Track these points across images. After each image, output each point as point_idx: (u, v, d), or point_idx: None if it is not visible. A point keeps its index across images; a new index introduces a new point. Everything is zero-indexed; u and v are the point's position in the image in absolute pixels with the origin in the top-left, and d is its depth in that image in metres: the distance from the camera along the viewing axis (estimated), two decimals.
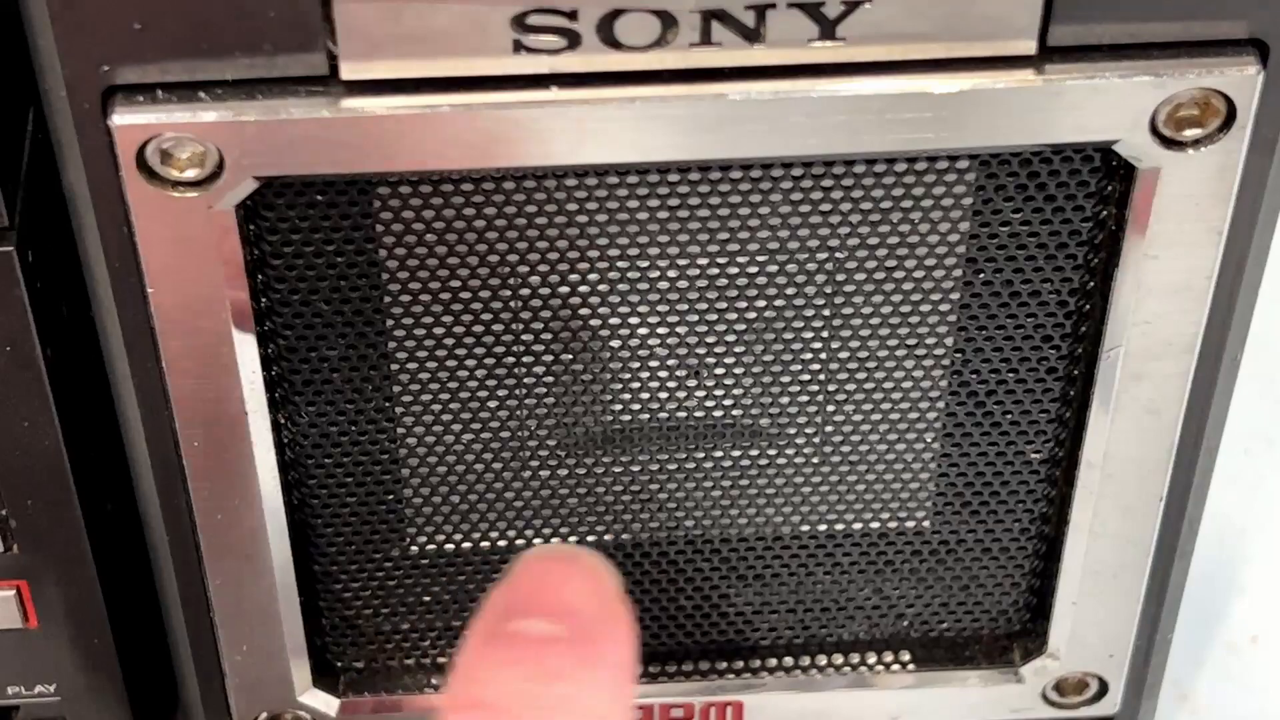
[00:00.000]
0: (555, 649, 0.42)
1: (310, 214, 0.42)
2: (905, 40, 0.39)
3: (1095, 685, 0.52)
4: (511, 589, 0.44)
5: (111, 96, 0.39)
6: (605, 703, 0.42)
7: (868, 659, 0.51)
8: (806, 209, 0.43)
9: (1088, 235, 0.43)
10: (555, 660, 0.42)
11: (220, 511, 0.46)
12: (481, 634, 0.43)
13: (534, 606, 0.43)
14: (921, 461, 0.48)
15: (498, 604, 0.43)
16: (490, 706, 0.42)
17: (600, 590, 0.44)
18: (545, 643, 0.42)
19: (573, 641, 0.42)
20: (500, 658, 0.42)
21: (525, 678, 0.42)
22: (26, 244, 0.41)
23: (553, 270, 0.43)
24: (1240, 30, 0.39)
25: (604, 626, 0.43)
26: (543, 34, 0.38)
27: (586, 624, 0.43)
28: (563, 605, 0.43)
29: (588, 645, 0.43)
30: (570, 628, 0.43)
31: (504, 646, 0.42)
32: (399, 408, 0.46)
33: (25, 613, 0.47)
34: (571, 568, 0.44)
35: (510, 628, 0.43)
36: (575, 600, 0.43)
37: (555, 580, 0.44)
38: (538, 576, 0.44)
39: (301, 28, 0.38)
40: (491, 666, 0.42)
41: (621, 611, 0.44)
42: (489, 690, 0.42)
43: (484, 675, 0.42)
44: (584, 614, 0.43)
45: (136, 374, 0.44)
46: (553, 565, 0.44)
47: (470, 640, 0.43)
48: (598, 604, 0.43)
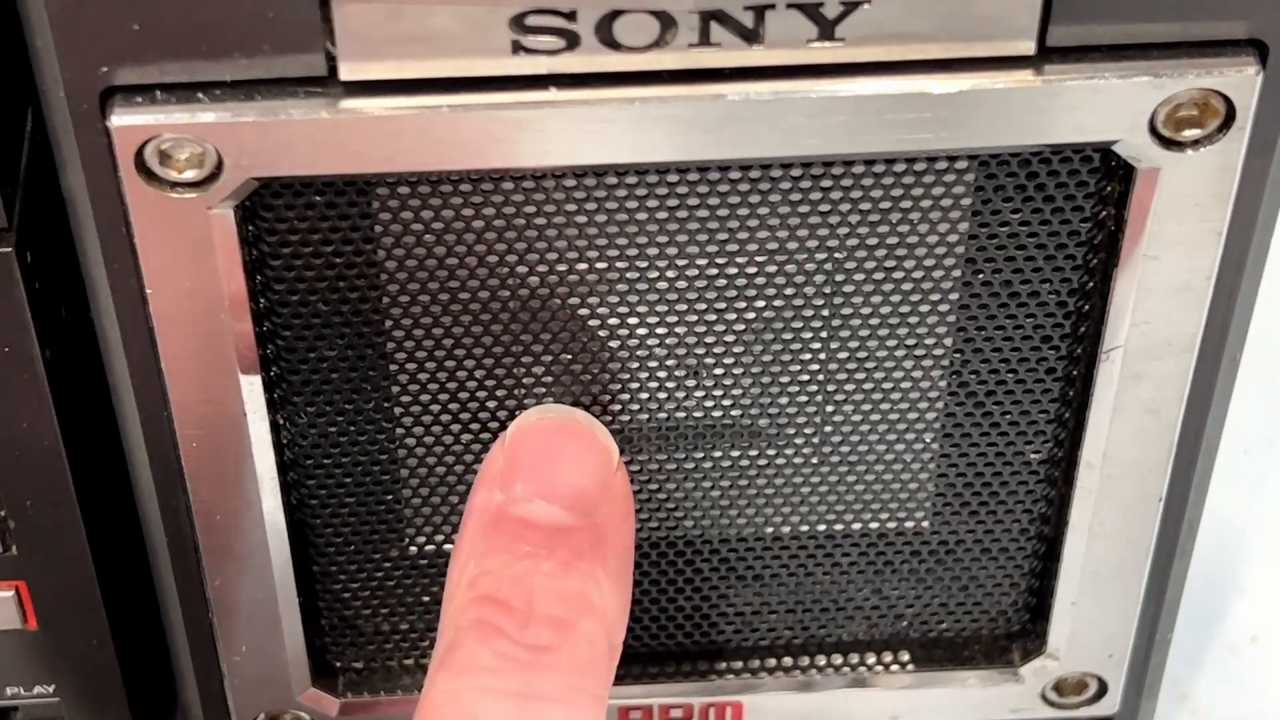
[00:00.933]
0: (565, 540, 0.42)
1: (309, 214, 0.42)
2: (904, 41, 0.39)
3: (1095, 685, 0.52)
4: (512, 462, 0.43)
5: (110, 97, 0.39)
6: (612, 596, 0.43)
7: (867, 659, 0.51)
8: (806, 209, 0.43)
9: (1087, 236, 0.43)
10: (565, 552, 0.42)
11: (219, 512, 0.46)
12: (485, 512, 0.43)
13: (537, 487, 0.43)
14: (921, 462, 0.48)
15: (496, 477, 0.43)
16: (504, 603, 0.41)
17: (603, 467, 0.43)
18: (555, 531, 0.42)
19: (582, 531, 0.42)
20: (509, 545, 0.42)
21: (536, 570, 0.42)
22: (25, 245, 0.41)
23: (552, 270, 0.43)
24: (1239, 31, 0.39)
25: (610, 511, 0.43)
26: (542, 35, 0.38)
27: (592, 508, 0.43)
28: (567, 486, 0.43)
29: (596, 534, 0.42)
30: (576, 513, 0.42)
31: (511, 533, 0.42)
32: (398, 408, 0.46)
33: (24, 613, 0.47)
34: (573, 439, 0.43)
35: (514, 511, 0.42)
36: (579, 480, 0.43)
37: (556, 455, 0.43)
38: (537, 450, 0.43)
39: (300, 29, 0.38)
40: (500, 554, 0.42)
41: (624, 490, 0.44)
42: (501, 584, 0.42)
43: (492, 565, 0.42)
44: (589, 496, 0.43)
45: (135, 374, 0.44)
46: (552, 436, 0.43)
47: (475, 517, 0.43)
48: (602, 484, 0.43)
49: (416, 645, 0.51)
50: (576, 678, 0.42)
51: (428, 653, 0.51)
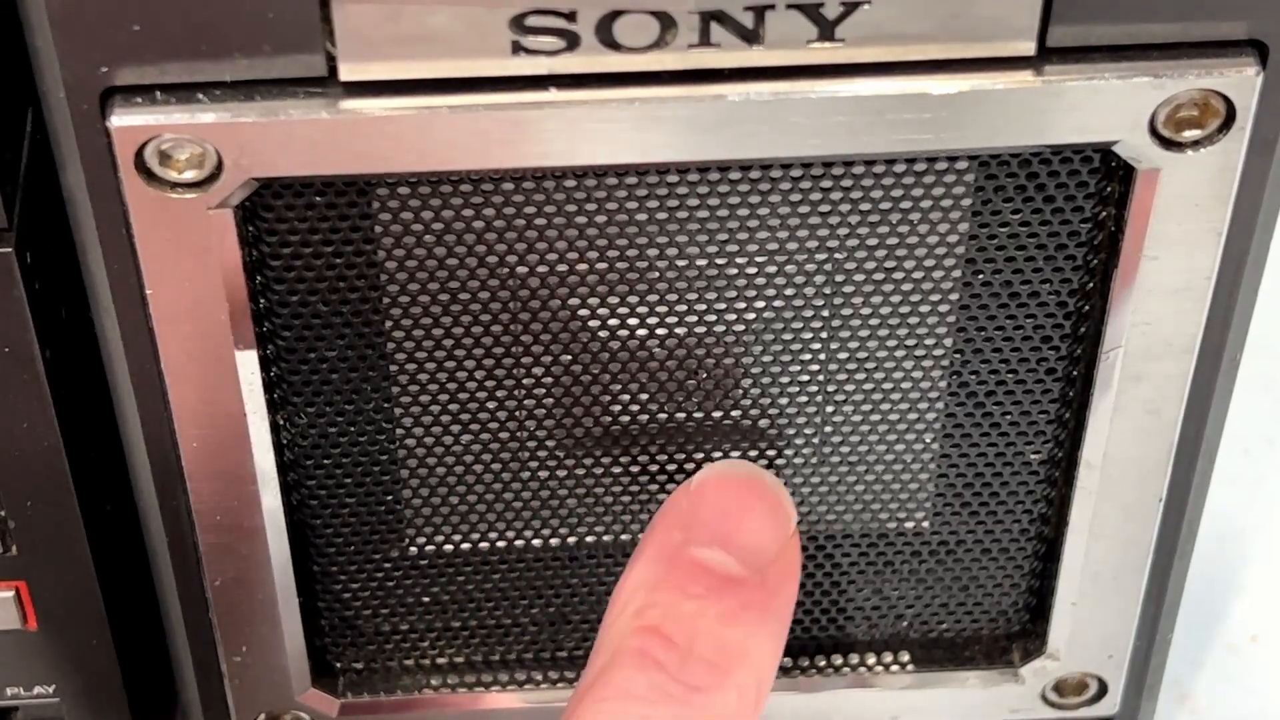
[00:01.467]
0: (735, 591, 0.43)
1: (309, 215, 0.42)
2: (904, 41, 0.39)
3: (1095, 686, 0.52)
4: (695, 508, 0.44)
5: (110, 98, 0.39)
6: (769, 652, 0.44)
7: (867, 659, 0.51)
8: (806, 210, 0.43)
9: (1087, 236, 0.43)
10: (733, 602, 0.43)
11: (219, 512, 0.46)
12: (662, 550, 0.44)
13: (717, 534, 0.44)
14: (921, 462, 0.48)
15: (679, 519, 0.44)
16: (667, 637, 0.42)
17: (781, 529, 0.44)
18: (726, 581, 0.43)
19: (752, 586, 0.43)
20: (681, 584, 0.43)
21: (703, 614, 0.43)
22: (25, 245, 0.41)
23: (552, 271, 0.43)
24: (1239, 31, 0.39)
25: (780, 572, 0.44)
26: (541, 35, 0.38)
27: (765, 567, 0.44)
28: (746, 541, 0.44)
29: (764, 592, 0.43)
30: (751, 568, 0.43)
31: (685, 573, 0.43)
32: (398, 408, 0.46)
33: (24, 614, 0.47)
34: (757, 497, 0.45)
35: (692, 554, 0.43)
36: (758, 538, 0.44)
37: (740, 509, 0.44)
38: (723, 500, 0.44)
39: (300, 29, 0.38)
40: (671, 591, 0.43)
41: (796, 557, 0.45)
42: (668, 618, 0.43)
43: (662, 599, 0.43)
44: (764, 555, 0.44)
45: (135, 375, 0.44)
46: (739, 491, 0.45)
47: (651, 550, 0.44)
48: (778, 545, 0.44)
49: (417, 645, 0.51)
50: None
51: (427, 653, 0.51)
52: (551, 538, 0.49)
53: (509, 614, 0.50)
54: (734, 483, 0.45)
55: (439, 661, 0.51)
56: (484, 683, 0.51)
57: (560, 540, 0.49)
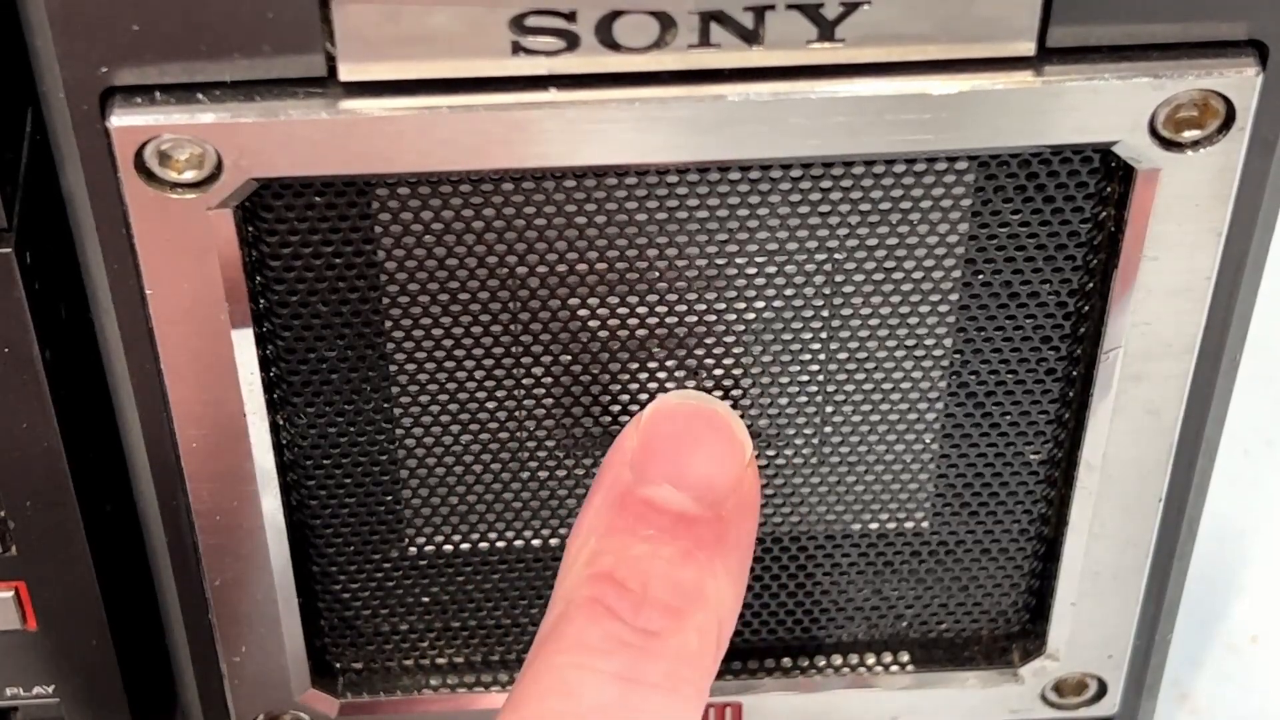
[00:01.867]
0: (690, 528, 0.42)
1: (309, 215, 0.42)
2: (904, 41, 0.39)
3: (1094, 686, 0.52)
4: (644, 445, 0.43)
5: (110, 98, 0.39)
6: (728, 590, 0.42)
7: (867, 660, 0.51)
8: (805, 210, 0.43)
9: (1087, 236, 0.43)
10: (687, 540, 0.42)
11: (219, 512, 0.46)
12: (611, 492, 0.43)
13: (668, 471, 0.42)
14: (920, 462, 0.48)
15: (627, 457, 0.43)
16: (620, 583, 0.41)
17: (736, 460, 0.43)
18: (679, 519, 0.42)
19: (706, 522, 0.42)
20: (632, 526, 0.42)
21: (657, 555, 0.42)
22: (25, 245, 0.41)
23: (552, 271, 0.43)
24: (1239, 31, 0.39)
25: (736, 505, 0.43)
26: (541, 35, 0.38)
27: (720, 501, 0.43)
28: (698, 476, 0.43)
29: (720, 527, 0.42)
30: (705, 504, 0.42)
31: (636, 514, 0.42)
32: (398, 408, 0.46)
33: (24, 614, 0.47)
34: (708, 428, 0.43)
35: (642, 493, 0.42)
36: (711, 471, 0.43)
37: (691, 442, 0.43)
38: (673, 435, 0.43)
39: (300, 29, 0.38)
40: (622, 535, 0.42)
41: (753, 486, 0.43)
42: (620, 564, 0.42)
43: (613, 544, 0.42)
44: (718, 489, 0.43)
45: (135, 375, 0.44)
46: (689, 423, 0.43)
47: (601, 493, 0.43)
48: (733, 478, 0.43)
49: (416, 646, 0.51)
50: (682, 667, 0.41)
51: (427, 653, 0.51)
52: (551, 538, 0.49)
53: (509, 614, 0.50)
54: (684, 415, 0.44)
55: (439, 662, 0.51)
56: (484, 683, 0.51)
57: (560, 540, 0.49)
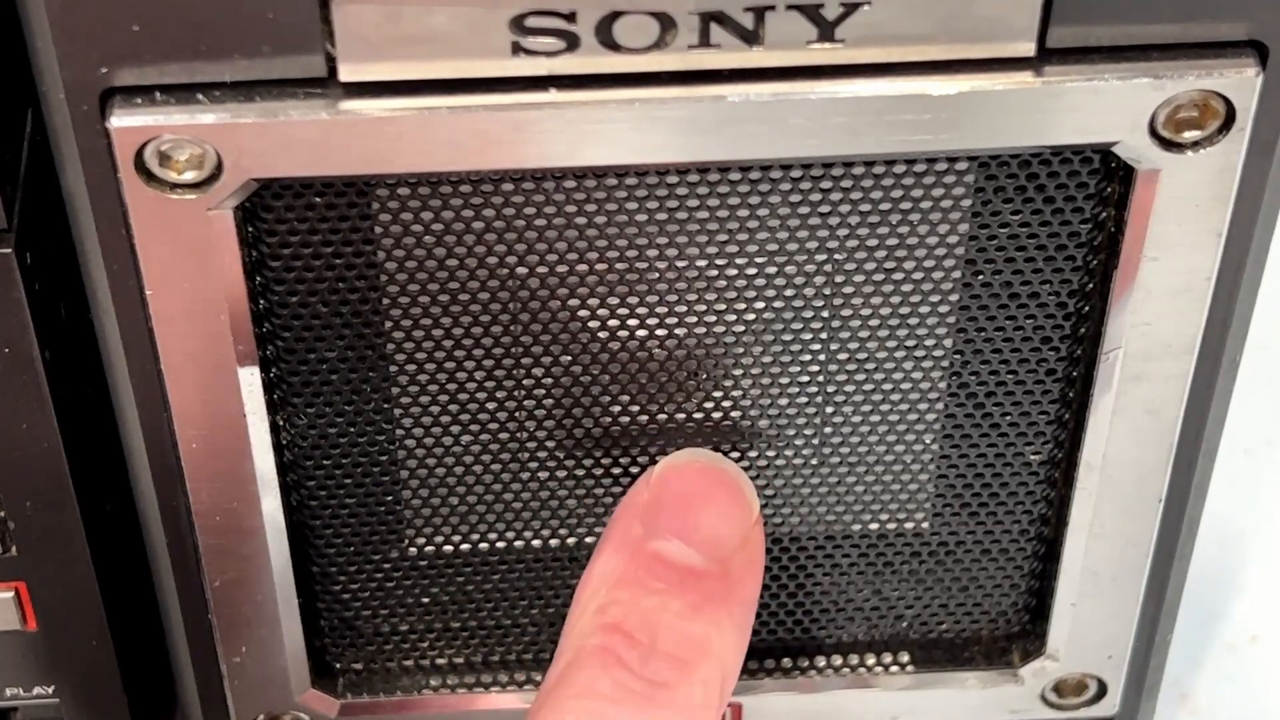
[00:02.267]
0: (697, 584, 0.43)
1: (309, 216, 0.42)
2: (904, 42, 0.39)
3: (1094, 686, 0.52)
4: (655, 499, 0.44)
5: (110, 98, 0.39)
6: (732, 644, 0.44)
7: (867, 660, 0.51)
8: (805, 211, 0.43)
9: (1087, 237, 0.43)
10: (695, 595, 0.43)
11: (219, 513, 0.46)
12: (623, 544, 0.44)
13: (678, 526, 0.43)
14: (921, 463, 0.48)
15: (639, 511, 0.44)
16: (629, 634, 0.42)
17: (744, 518, 0.44)
18: (688, 573, 0.43)
19: (714, 577, 0.43)
20: (642, 579, 0.43)
21: (665, 608, 0.43)
22: (25, 246, 0.41)
23: (552, 272, 0.43)
24: (1239, 32, 0.39)
25: (743, 562, 0.44)
26: (541, 36, 0.38)
27: (727, 557, 0.44)
28: (707, 532, 0.44)
29: (727, 583, 0.43)
30: (713, 560, 0.43)
31: (646, 567, 0.43)
32: (398, 409, 0.46)
33: (24, 614, 0.47)
34: (718, 487, 0.44)
35: (653, 547, 0.43)
36: (719, 528, 0.44)
37: (701, 499, 0.44)
38: (683, 491, 0.44)
39: (300, 30, 0.38)
40: (632, 587, 0.43)
41: (759, 546, 0.45)
42: (629, 615, 0.43)
43: (623, 595, 0.43)
44: (726, 546, 0.44)
45: (135, 376, 0.44)
46: (700, 480, 0.44)
47: (612, 545, 0.44)
48: (740, 536, 0.44)
49: (416, 646, 0.51)
50: (687, 718, 0.42)
51: (427, 654, 0.51)
52: (551, 538, 0.49)
53: (508, 614, 0.50)
54: (695, 472, 0.45)
55: (438, 662, 0.51)
56: (483, 683, 0.51)
57: (560, 541, 0.49)
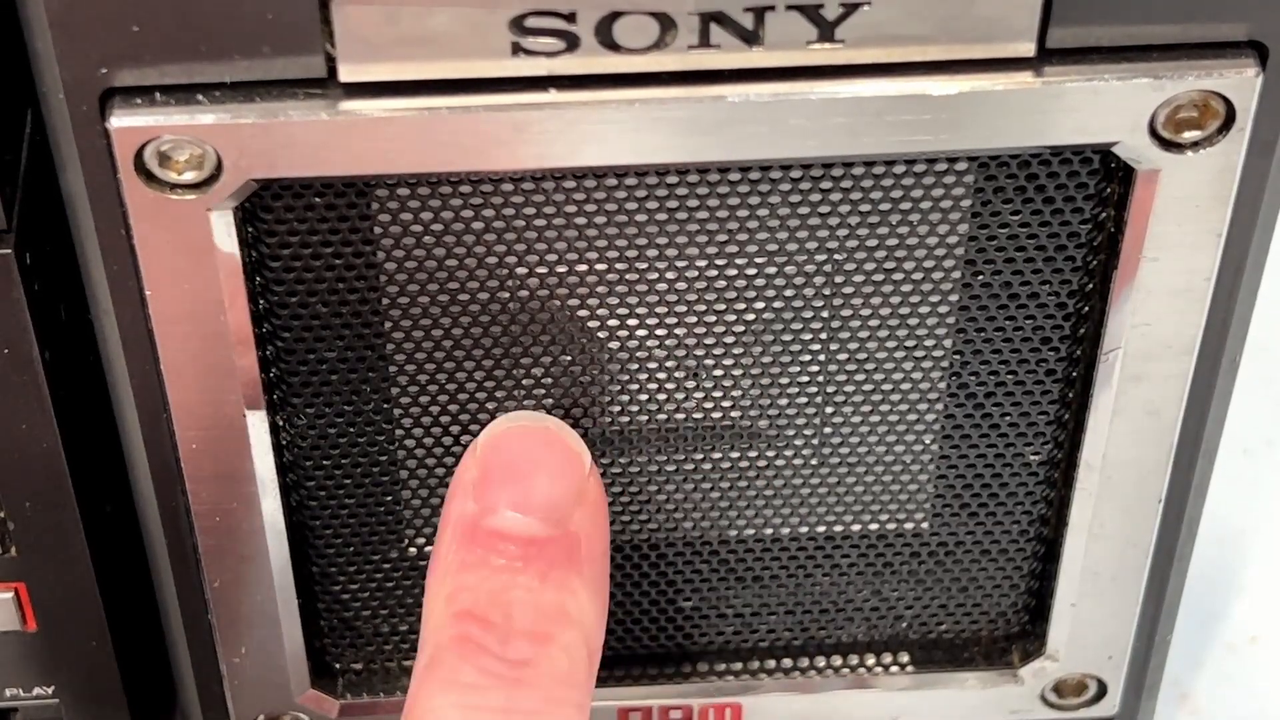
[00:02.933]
0: (541, 550, 0.42)
1: (309, 216, 0.42)
2: (904, 42, 0.39)
3: (1094, 686, 0.52)
4: (484, 472, 0.43)
5: (110, 99, 0.39)
6: (589, 605, 0.43)
7: (866, 660, 0.51)
8: (805, 211, 0.43)
9: (1087, 237, 0.43)
10: (541, 564, 0.42)
11: (218, 514, 0.46)
12: (458, 527, 0.43)
13: (510, 497, 0.42)
14: (920, 463, 0.48)
15: (469, 489, 0.43)
16: (483, 619, 0.42)
17: (574, 473, 0.43)
18: (529, 543, 0.42)
19: (557, 541, 0.42)
20: (484, 559, 0.42)
21: (514, 584, 0.42)
22: (25, 246, 0.41)
23: (552, 272, 0.43)
24: (1239, 32, 0.39)
25: (584, 518, 0.43)
26: (541, 36, 0.38)
27: (566, 517, 0.43)
28: (540, 496, 0.43)
29: (570, 542, 0.42)
30: (550, 523, 0.42)
31: (486, 545, 0.42)
32: (397, 409, 0.46)
33: (23, 615, 0.47)
34: (544, 447, 0.43)
35: (489, 523, 0.42)
36: (553, 489, 0.43)
37: (528, 464, 0.43)
38: (509, 459, 0.43)
39: (300, 30, 0.38)
40: (477, 569, 0.42)
41: (597, 496, 0.44)
42: (479, 599, 0.42)
43: (469, 580, 0.42)
44: (563, 506, 0.43)
45: (135, 376, 0.44)
46: (523, 444, 0.43)
47: (450, 529, 0.43)
48: (575, 492, 0.43)
49: (416, 646, 0.51)
50: (558, 689, 0.42)
51: None
52: None
53: None
54: (517, 436, 0.44)
55: None
56: None
57: None
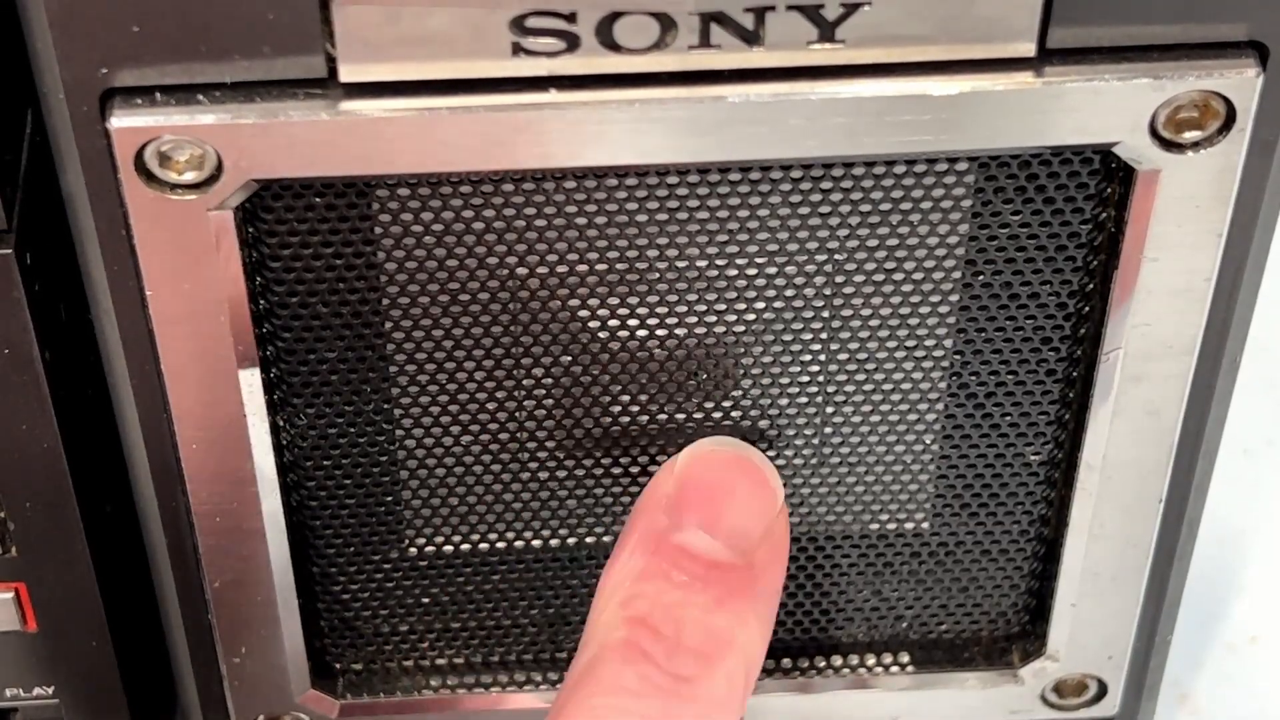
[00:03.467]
0: (722, 576, 0.43)
1: (309, 216, 0.42)
2: (904, 42, 0.39)
3: (1094, 686, 0.52)
4: (679, 490, 0.44)
5: (110, 99, 0.39)
6: (756, 636, 0.44)
7: (867, 661, 0.51)
8: (806, 211, 0.43)
9: (1087, 237, 0.43)
10: (720, 588, 0.43)
11: (219, 514, 0.46)
12: (646, 535, 0.43)
13: (701, 517, 0.43)
14: (921, 463, 0.48)
15: (662, 502, 0.44)
16: (654, 628, 0.42)
17: (768, 508, 0.44)
18: (713, 566, 0.43)
19: (739, 570, 0.43)
20: (666, 572, 0.43)
21: (689, 602, 0.43)
22: (25, 246, 0.41)
23: (552, 272, 0.43)
24: (1240, 32, 0.39)
25: (767, 553, 0.44)
26: (541, 36, 0.38)
27: (752, 548, 0.43)
28: (731, 523, 0.43)
29: (750, 575, 0.43)
30: (737, 551, 0.43)
31: (670, 559, 0.43)
32: (398, 409, 0.46)
33: (24, 615, 0.47)
34: (742, 476, 0.44)
35: (677, 539, 0.43)
36: (743, 519, 0.44)
37: (725, 489, 0.44)
38: (707, 481, 0.44)
39: (300, 30, 0.38)
40: (657, 580, 0.43)
41: (784, 535, 0.44)
42: (654, 609, 0.43)
43: (648, 589, 0.43)
44: (750, 536, 0.44)
45: (135, 376, 0.44)
46: (723, 470, 0.44)
47: (636, 536, 0.44)
48: (764, 526, 0.44)
49: (416, 646, 0.51)
50: (713, 711, 0.42)
51: (427, 654, 0.51)
52: (551, 538, 0.49)
53: (509, 615, 0.50)
54: (719, 462, 0.45)
55: (438, 663, 0.51)
56: (483, 684, 0.51)
57: (560, 541, 0.49)
